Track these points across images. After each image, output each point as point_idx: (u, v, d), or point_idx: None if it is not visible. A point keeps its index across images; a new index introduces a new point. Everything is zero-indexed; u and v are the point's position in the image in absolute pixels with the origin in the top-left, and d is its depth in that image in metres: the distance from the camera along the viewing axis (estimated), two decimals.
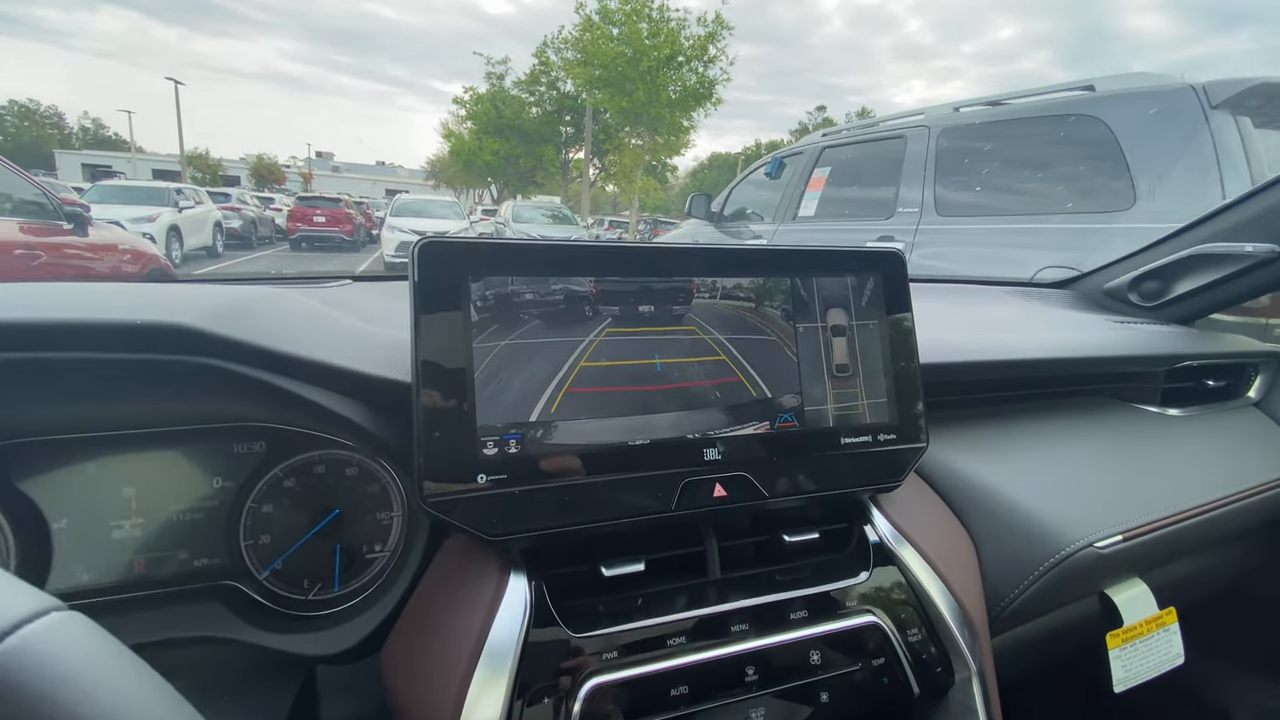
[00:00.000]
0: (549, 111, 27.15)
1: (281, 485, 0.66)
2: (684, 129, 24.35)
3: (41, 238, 3.25)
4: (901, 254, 0.71)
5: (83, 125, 50.21)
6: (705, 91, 22.76)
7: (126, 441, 0.62)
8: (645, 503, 0.58)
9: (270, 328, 0.57)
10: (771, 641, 0.58)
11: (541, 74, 25.99)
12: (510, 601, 0.54)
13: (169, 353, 0.53)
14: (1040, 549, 0.75)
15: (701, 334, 0.62)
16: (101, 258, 3.74)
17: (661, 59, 21.31)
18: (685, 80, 22.43)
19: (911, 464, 0.69)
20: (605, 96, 22.52)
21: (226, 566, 0.64)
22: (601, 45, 21.76)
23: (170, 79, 32.74)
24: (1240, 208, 1.14)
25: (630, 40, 21.41)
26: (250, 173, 48.85)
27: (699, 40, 21.98)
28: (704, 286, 0.63)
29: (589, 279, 0.59)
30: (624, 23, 21.72)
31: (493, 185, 33.76)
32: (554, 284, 0.58)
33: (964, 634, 0.65)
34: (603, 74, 21.90)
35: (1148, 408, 1.06)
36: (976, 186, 2.97)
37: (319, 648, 0.60)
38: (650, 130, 23.94)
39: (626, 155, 26.20)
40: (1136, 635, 0.90)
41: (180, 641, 0.59)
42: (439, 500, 0.52)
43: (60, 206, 3.50)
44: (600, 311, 0.59)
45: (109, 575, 0.61)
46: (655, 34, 21.52)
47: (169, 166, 38.31)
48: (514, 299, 0.56)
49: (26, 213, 3.25)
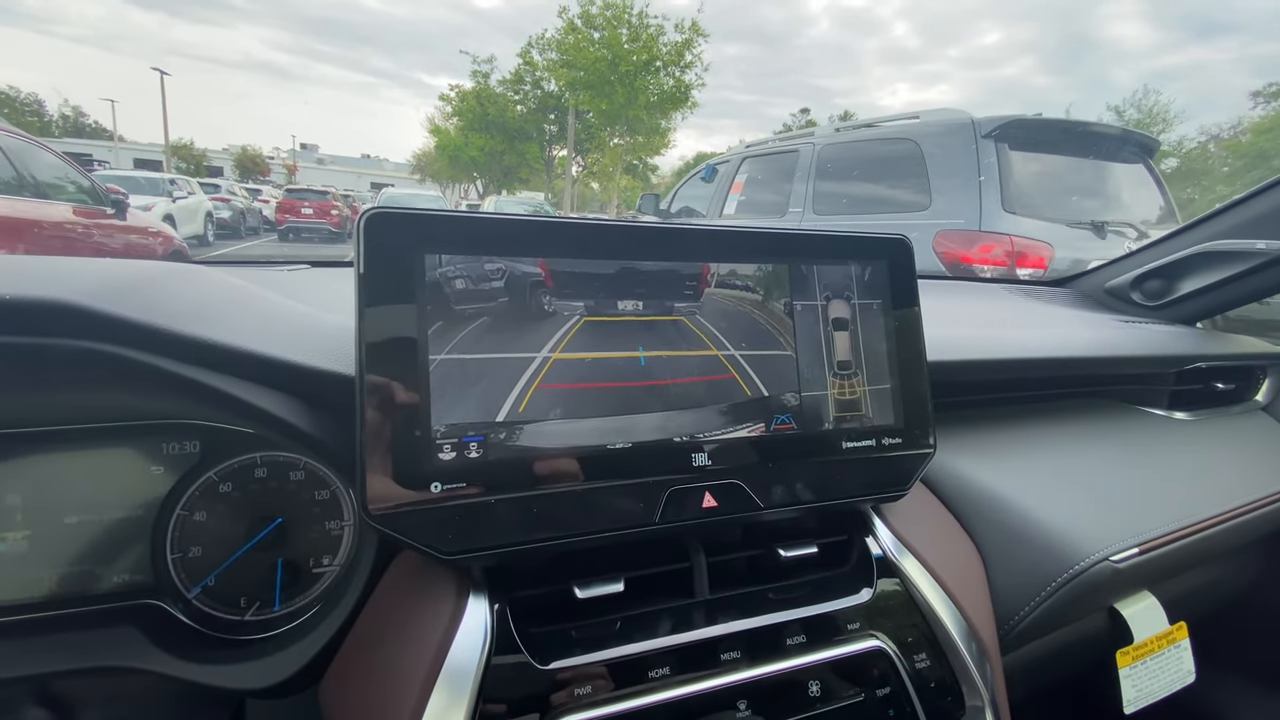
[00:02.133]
0: (533, 110, 27.30)
1: (217, 490, 0.58)
2: (662, 130, 25.20)
3: (91, 220, 3.83)
4: (908, 241, 0.65)
5: (63, 113, 48.86)
6: (682, 96, 23.58)
7: (39, 440, 0.54)
8: (625, 514, 0.51)
9: (174, 307, 0.49)
10: (766, 671, 0.52)
11: (526, 73, 26.23)
12: (469, 626, 0.47)
13: (43, 335, 0.44)
14: (1053, 562, 0.70)
15: (690, 325, 0.56)
16: (137, 237, 4.34)
17: (639, 64, 22.02)
18: (663, 85, 23.20)
19: (918, 471, 0.63)
20: (586, 98, 23.17)
21: (150, 584, 0.56)
22: (583, 49, 22.34)
23: (156, 69, 32.33)
24: (1248, 205, 1.10)
25: (610, 44, 21.99)
26: (234, 164, 47.90)
27: (676, 46, 22.73)
28: (694, 272, 0.56)
29: (564, 259, 0.52)
30: (604, 27, 22.30)
31: (478, 180, 33.65)
32: (523, 265, 0.51)
33: (974, 657, 0.59)
34: (584, 76, 22.51)
35: (1155, 411, 1.02)
36: (840, 191, 3.84)
37: (250, 679, 0.52)
38: (630, 131, 24.58)
39: (607, 155, 26.73)
40: (1147, 652, 0.85)
41: (92, 671, 0.52)
42: (385, 512, 0.44)
43: (105, 194, 4.09)
44: (575, 297, 0.52)
45: (14, 592, 0.53)
46: (635, 39, 22.18)
47: (151, 156, 37.48)
48: (477, 281, 0.49)
49: (78, 198, 3.80)
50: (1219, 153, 23.91)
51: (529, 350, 0.50)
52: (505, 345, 0.49)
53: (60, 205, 3.59)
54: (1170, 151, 23.67)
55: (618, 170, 26.18)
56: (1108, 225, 3.09)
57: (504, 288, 0.50)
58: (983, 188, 2.97)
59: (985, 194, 2.96)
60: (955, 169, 3.10)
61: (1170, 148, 23.76)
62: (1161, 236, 1.24)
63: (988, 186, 2.97)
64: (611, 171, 26.50)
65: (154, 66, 34.65)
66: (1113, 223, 3.12)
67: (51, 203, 3.55)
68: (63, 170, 3.79)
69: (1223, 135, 24.22)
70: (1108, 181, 3.42)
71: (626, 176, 27.25)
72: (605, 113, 23.15)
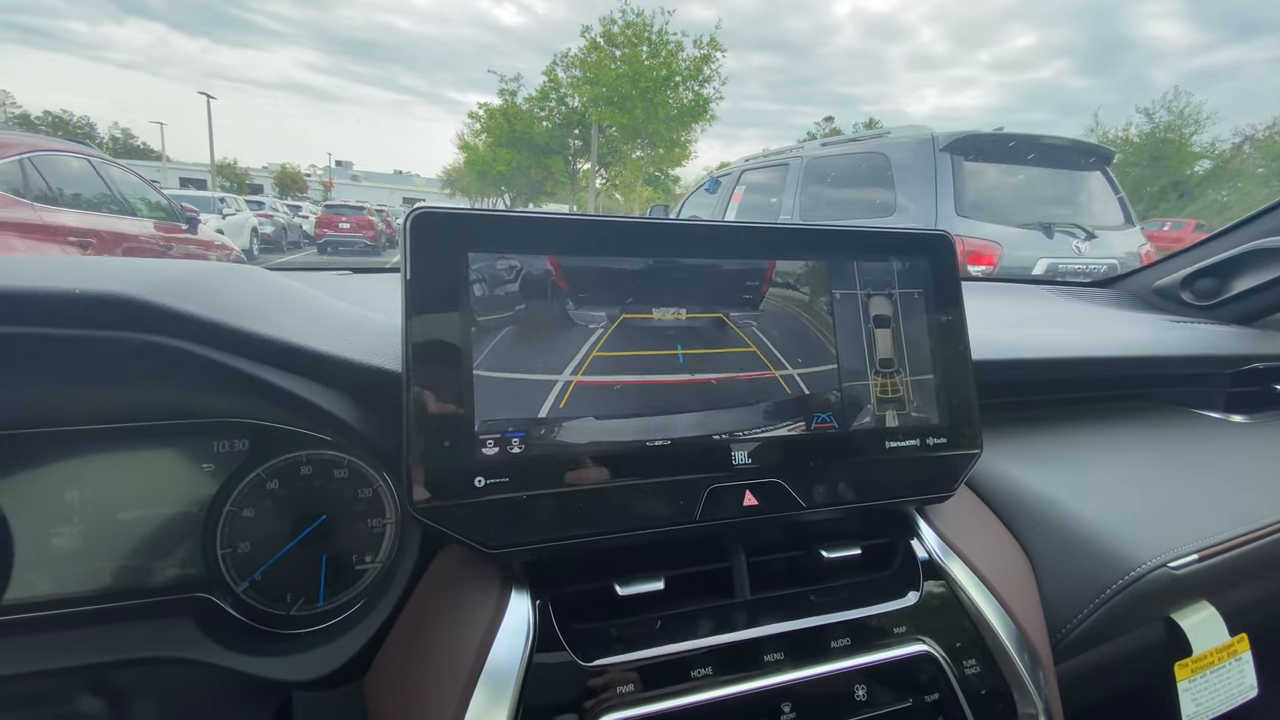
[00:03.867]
0: (558, 125, 27.99)
1: (264, 487, 0.60)
2: (682, 143, 25.78)
3: (169, 234, 4.31)
4: (951, 237, 0.64)
5: (113, 135, 51.18)
6: (700, 109, 24.14)
7: (97, 438, 0.56)
8: (665, 512, 0.51)
9: (232, 303, 0.51)
10: (810, 674, 0.51)
11: (551, 90, 26.88)
12: (511, 623, 0.47)
13: (109, 328, 0.46)
14: (1107, 569, 0.67)
15: (729, 322, 0.55)
16: (208, 249, 4.87)
17: (658, 80, 22.58)
18: (681, 99, 23.78)
19: (964, 472, 0.61)
20: (607, 113, 23.80)
21: (201, 578, 0.58)
22: (605, 66, 23.00)
23: (203, 94, 33.93)
24: None
25: (630, 61, 22.61)
26: (274, 181, 49.60)
27: (694, 61, 23.22)
28: (755, 281, 0.56)
29: (602, 258, 0.52)
30: (625, 45, 22.90)
31: (506, 194, 34.32)
32: (565, 263, 0.51)
33: (1027, 665, 0.57)
34: (605, 93, 23.17)
35: (1210, 414, 0.98)
36: (822, 198, 4.32)
37: (298, 672, 0.53)
38: (650, 144, 25.15)
39: (629, 167, 27.25)
40: (1207, 665, 0.81)
41: (145, 661, 0.53)
42: (431, 507, 0.45)
43: (180, 211, 4.60)
44: (617, 295, 0.52)
45: (72, 585, 0.55)
46: (654, 55, 22.76)
47: (196, 175, 39.01)
48: (520, 279, 0.49)
49: (158, 215, 4.28)
50: (1254, 154, 23.03)
51: (570, 348, 0.50)
52: (547, 343, 0.50)
53: (145, 221, 4.07)
54: (1203, 153, 22.93)
55: (639, 182, 26.62)
56: (1055, 226, 3.48)
57: (547, 286, 0.50)
58: (939, 194, 3.42)
59: (940, 199, 3.41)
60: (916, 178, 3.55)
61: (1203, 149, 23.02)
62: (1212, 234, 1.19)
63: (943, 193, 3.41)
64: (633, 183, 26.96)
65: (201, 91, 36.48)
66: (1060, 224, 3.50)
67: (138, 219, 4.02)
68: (143, 190, 4.31)
69: (1257, 136, 23.33)
70: (1061, 188, 3.82)
71: (648, 188, 27.71)
72: (626, 127, 23.77)
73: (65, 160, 3.47)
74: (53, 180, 3.26)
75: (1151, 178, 22.52)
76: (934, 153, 3.48)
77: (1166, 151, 23.10)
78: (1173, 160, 22.83)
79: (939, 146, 3.48)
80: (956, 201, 3.39)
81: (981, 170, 3.58)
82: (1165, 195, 19.66)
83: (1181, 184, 20.25)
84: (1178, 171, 22.27)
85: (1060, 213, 3.62)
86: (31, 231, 2.93)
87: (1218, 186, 20.92)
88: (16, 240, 2.86)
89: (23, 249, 2.86)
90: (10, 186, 2.94)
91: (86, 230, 3.35)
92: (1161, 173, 22.25)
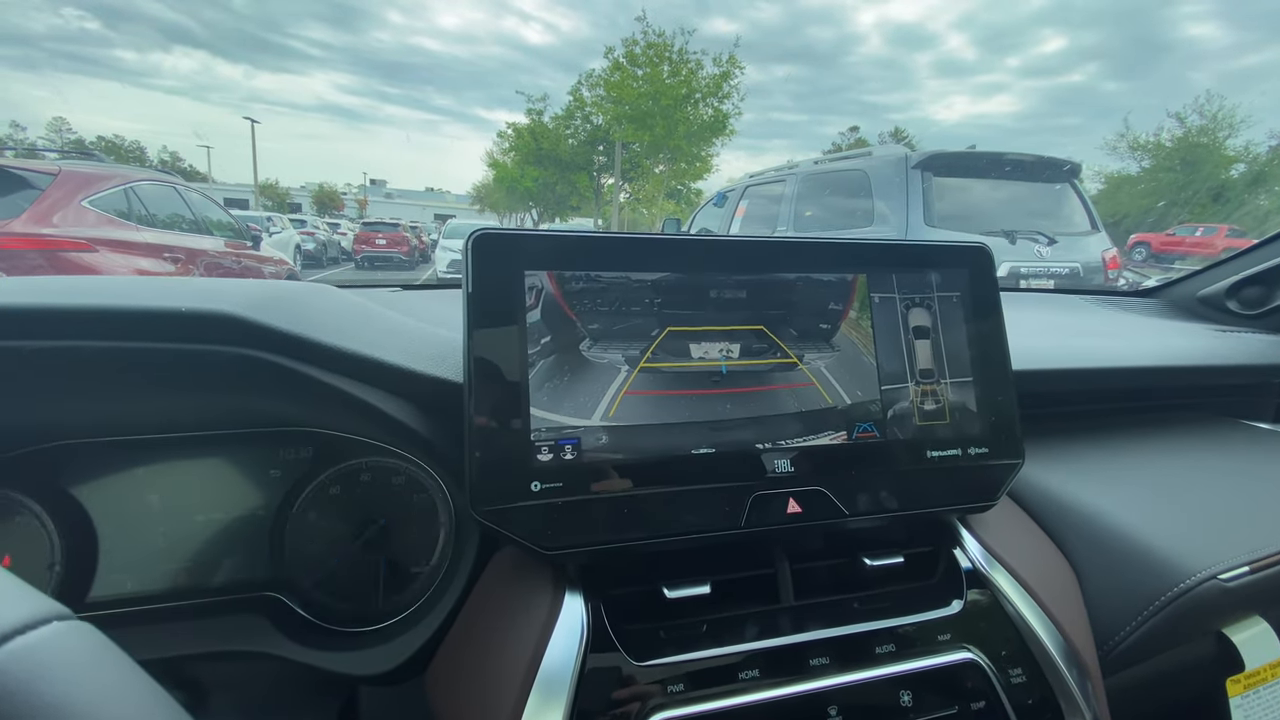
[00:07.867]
0: (583, 142, 28.69)
1: (327, 493, 0.63)
2: (703, 158, 26.27)
3: (237, 250, 4.81)
4: (989, 249, 0.65)
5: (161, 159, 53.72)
6: (720, 124, 24.61)
7: (175, 446, 0.60)
8: (711, 518, 0.53)
9: (315, 320, 0.55)
10: (856, 679, 0.51)
11: (576, 109, 27.65)
12: (566, 623, 0.50)
13: (209, 343, 0.50)
14: (1155, 580, 0.66)
15: (771, 334, 0.57)
16: (269, 265, 5.39)
17: (678, 97, 23.10)
18: (701, 116, 24.26)
19: (1006, 482, 0.62)
20: (629, 130, 24.36)
21: (269, 577, 0.61)
22: (627, 85, 23.56)
23: (248, 118, 35.57)
24: None
25: (652, 80, 23.18)
26: (312, 200, 51.39)
27: (714, 79, 23.71)
28: (775, 283, 0.58)
29: (650, 273, 0.55)
30: (647, 64, 23.41)
31: (533, 209, 34.98)
32: (614, 279, 0.54)
33: (1075, 676, 0.57)
34: (629, 111, 23.74)
35: (1261, 425, 0.96)
36: (813, 212, 4.76)
37: (362, 667, 0.56)
38: (672, 159, 25.77)
39: (651, 182, 27.76)
40: (1260, 681, 0.79)
41: (221, 655, 0.56)
42: (492, 510, 0.47)
43: (246, 230, 5.12)
44: (662, 308, 0.55)
45: (153, 583, 0.59)
46: (675, 74, 23.29)
47: (239, 195, 40.71)
48: (572, 294, 0.52)
49: (226, 234, 4.75)
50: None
51: (619, 358, 0.53)
52: (598, 354, 0.52)
53: (218, 239, 4.57)
54: (1237, 157, 22.14)
55: (660, 195, 27.12)
56: (1017, 233, 3.81)
57: (598, 301, 0.53)
58: (909, 206, 3.83)
59: (911, 211, 3.82)
60: (891, 193, 3.97)
61: (1237, 153, 22.23)
62: (1258, 241, 1.17)
63: (914, 205, 3.83)
64: (655, 197, 27.47)
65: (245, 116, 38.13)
66: (1022, 231, 3.83)
67: (213, 237, 4.50)
68: (216, 211, 4.84)
69: None
70: (1030, 199, 4.21)
71: (670, 202, 28.18)
72: (648, 144, 24.31)
73: (155, 187, 4.03)
74: (149, 205, 3.85)
75: (1184, 183, 21.85)
76: (906, 170, 3.92)
77: (1199, 156, 22.41)
78: (1206, 165, 22.11)
79: (911, 164, 3.93)
80: (925, 212, 3.80)
81: (950, 185, 4.01)
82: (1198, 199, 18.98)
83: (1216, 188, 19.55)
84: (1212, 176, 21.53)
85: (1030, 222, 3.95)
86: (134, 249, 3.52)
87: (1255, 191, 20.15)
88: (124, 256, 3.41)
89: (123, 266, 3.37)
90: (118, 211, 3.53)
91: (176, 247, 3.93)
92: (1194, 177, 21.55)
